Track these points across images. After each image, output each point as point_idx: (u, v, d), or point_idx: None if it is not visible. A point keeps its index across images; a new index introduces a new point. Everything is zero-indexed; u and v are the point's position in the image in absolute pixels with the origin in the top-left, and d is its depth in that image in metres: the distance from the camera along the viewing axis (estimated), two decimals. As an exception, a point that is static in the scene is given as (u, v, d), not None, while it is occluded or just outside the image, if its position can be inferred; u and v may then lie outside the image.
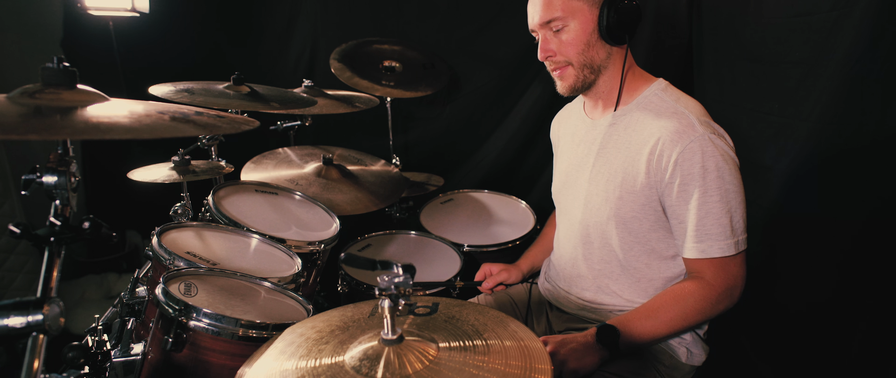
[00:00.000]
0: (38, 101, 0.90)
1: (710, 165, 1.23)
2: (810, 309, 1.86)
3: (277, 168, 2.23)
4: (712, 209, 1.25)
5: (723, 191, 1.24)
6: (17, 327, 0.77)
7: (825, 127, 1.72)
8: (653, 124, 1.31)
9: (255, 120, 1.09)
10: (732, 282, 1.29)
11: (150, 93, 1.62)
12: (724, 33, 2.24)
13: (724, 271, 1.28)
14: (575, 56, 1.35)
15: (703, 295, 1.28)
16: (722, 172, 1.24)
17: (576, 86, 1.39)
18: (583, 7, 1.31)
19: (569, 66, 1.37)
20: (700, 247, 1.27)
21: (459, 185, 2.89)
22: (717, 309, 1.30)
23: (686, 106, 1.31)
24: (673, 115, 1.29)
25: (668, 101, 1.33)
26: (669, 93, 1.36)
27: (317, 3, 2.91)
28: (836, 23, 1.64)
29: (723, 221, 1.25)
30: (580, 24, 1.32)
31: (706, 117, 1.30)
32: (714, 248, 1.26)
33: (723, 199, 1.24)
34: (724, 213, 1.25)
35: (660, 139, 1.27)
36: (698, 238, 1.27)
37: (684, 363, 1.40)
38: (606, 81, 1.40)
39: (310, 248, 1.75)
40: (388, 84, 2.57)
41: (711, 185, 1.24)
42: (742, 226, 1.28)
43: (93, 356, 1.52)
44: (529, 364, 0.86)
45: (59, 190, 0.90)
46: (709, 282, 1.29)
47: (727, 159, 1.25)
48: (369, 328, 0.98)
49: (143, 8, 2.57)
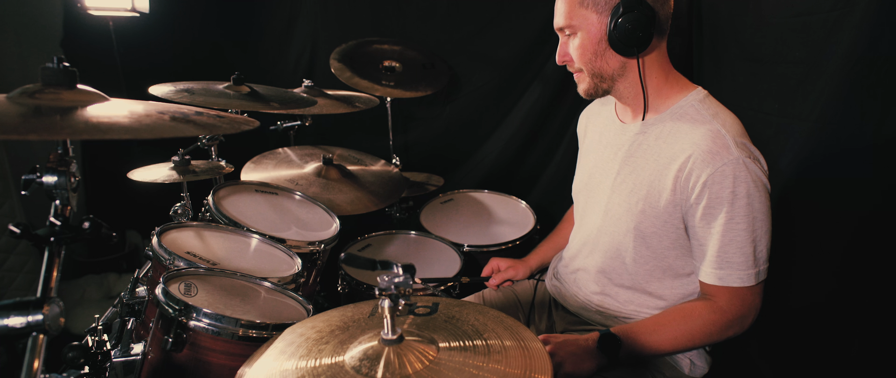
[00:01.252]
0: (38, 101, 0.90)
1: (740, 191, 1.18)
2: (810, 308, 1.86)
3: (277, 168, 2.23)
4: (737, 237, 1.20)
5: (750, 218, 1.19)
6: (17, 327, 0.77)
7: (825, 127, 1.71)
8: (685, 139, 1.25)
9: (255, 120, 1.09)
10: (746, 311, 1.26)
11: (150, 93, 1.62)
12: (724, 33, 2.24)
13: (739, 300, 1.25)
14: (585, 65, 1.32)
15: (713, 320, 1.25)
16: (752, 199, 1.18)
17: (590, 91, 1.36)
18: (591, 17, 1.26)
19: (582, 72, 1.34)
20: (718, 273, 1.24)
21: (459, 185, 2.89)
22: (724, 334, 1.27)
23: (723, 122, 1.24)
24: (708, 131, 1.22)
25: (705, 115, 1.26)
26: (707, 105, 1.29)
27: (317, 3, 2.91)
28: (836, 23, 1.64)
29: (746, 250, 1.21)
30: (588, 34, 1.28)
31: (743, 138, 1.23)
32: (733, 277, 1.23)
33: (749, 228, 1.20)
34: (748, 242, 1.20)
35: (691, 156, 1.22)
36: (718, 265, 1.23)
37: (688, 375, 1.38)
38: (628, 88, 1.34)
39: (310, 248, 1.75)
40: (388, 84, 2.57)
41: (739, 211, 1.19)
42: (765, 255, 1.24)
43: (93, 356, 1.52)
44: (529, 364, 0.86)
45: (59, 190, 0.90)
46: (722, 307, 1.26)
47: (759, 185, 1.19)
48: (369, 328, 0.98)
49: (143, 8, 2.57)
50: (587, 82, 1.34)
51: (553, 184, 2.99)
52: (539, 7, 2.70)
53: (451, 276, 1.88)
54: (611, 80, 1.32)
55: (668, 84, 1.34)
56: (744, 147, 1.20)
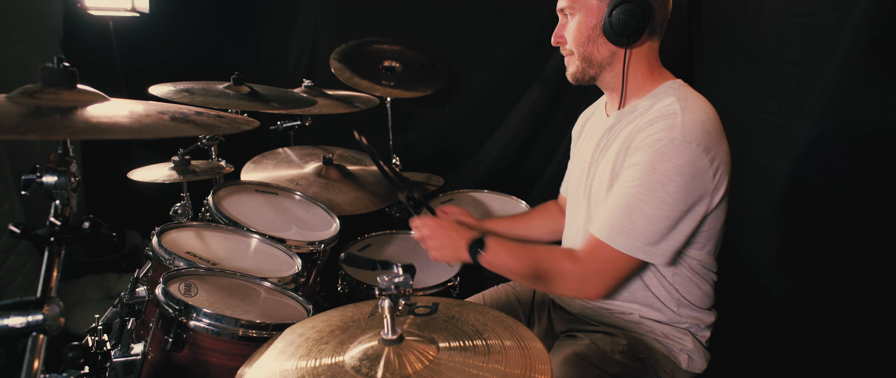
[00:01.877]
0: (38, 101, 0.90)
1: (659, 167, 1.17)
2: (810, 308, 1.86)
3: (277, 168, 2.23)
4: (631, 201, 1.20)
5: (655, 195, 1.18)
6: (17, 327, 0.77)
7: (825, 127, 1.72)
8: (644, 117, 1.26)
9: (255, 120, 1.09)
10: (596, 274, 1.26)
11: (150, 93, 1.62)
12: (724, 33, 2.24)
13: (595, 257, 1.26)
14: (576, 47, 1.33)
15: (565, 267, 1.28)
16: (666, 182, 1.17)
17: (577, 75, 1.37)
18: (591, 2, 1.28)
19: (573, 54, 1.36)
20: (597, 223, 1.26)
21: (459, 185, 2.89)
22: (562, 285, 1.30)
23: (686, 106, 1.23)
24: (664, 108, 1.23)
25: (670, 100, 1.26)
26: (678, 91, 1.28)
27: (317, 3, 2.91)
28: (836, 23, 1.64)
29: (633, 218, 1.20)
30: (585, 18, 1.30)
31: (705, 127, 1.19)
32: (605, 231, 1.24)
33: (647, 201, 1.18)
34: (636, 210, 1.19)
35: (639, 129, 1.24)
36: (603, 218, 1.25)
37: (685, 370, 1.38)
38: (614, 79, 1.36)
39: (310, 248, 1.75)
40: (388, 84, 2.57)
41: (647, 183, 1.18)
42: (652, 238, 1.20)
43: (93, 356, 1.52)
44: (529, 364, 0.86)
45: (59, 190, 0.90)
46: (579, 256, 1.28)
47: (683, 174, 1.16)
48: (369, 328, 0.98)
49: (143, 8, 2.57)
50: (576, 65, 1.36)
51: (553, 184, 2.97)
52: (539, 7, 2.70)
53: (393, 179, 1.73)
54: (599, 67, 1.34)
55: (653, 78, 1.35)
56: (694, 133, 1.17)
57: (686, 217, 1.21)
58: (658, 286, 1.36)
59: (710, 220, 1.27)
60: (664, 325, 1.38)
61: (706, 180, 1.19)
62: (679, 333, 1.38)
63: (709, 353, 1.42)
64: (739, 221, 2.04)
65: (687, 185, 1.17)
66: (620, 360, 1.33)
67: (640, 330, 1.39)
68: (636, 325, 1.39)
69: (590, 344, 1.38)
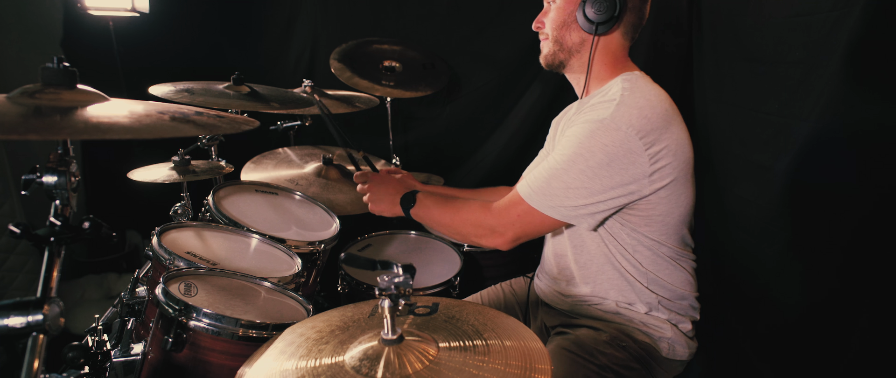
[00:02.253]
0: (38, 101, 0.90)
1: (585, 143, 1.26)
2: (810, 308, 1.86)
3: (277, 168, 2.23)
4: (553, 164, 1.30)
5: (577, 169, 1.27)
6: (17, 327, 0.77)
7: (825, 127, 1.71)
8: (586, 107, 1.36)
9: (255, 120, 1.09)
10: (507, 226, 1.36)
11: (150, 93, 1.62)
12: (723, 33, 2.24)
13: (510, 210, 1.36)
14: (552, 30, 1.43)
15: (478, 216, 1.40)
16: (592, 156, 1.25)
17: (548, 58, 1.47)
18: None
19: (548, 38, 1.45)
20: (522, 181, 1.38)
21: (459, 185, 2.88)
22: (475, 234, 1.41)
23: (627, 96, 1.29)
24: (605, 100, 1.32)
25: (616, 89, 1.33)
26: (627, 82, 1.35)
27: (317, 3, 2.91)
28: (836, 23, 1.64)
29: (552, 181, 1.30)
30: (564, 4, 1.41)
31: (639, 111, 1.26)
32: (523, 185, 1.35)
33: (568, 169, 1.28)
34: (556, 177, 1.29)
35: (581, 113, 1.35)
36: (528, 178, 1.36)
37: (665, 357, 1.42)
38: (581, 66, 1.44)
39: (310, 248, 1.75)
40: (388, 84, 2.56)
41: (570, 152, 1.28)
42: (566, 202, 1.29)
43: (93, 356, 1.52)
44: (529, 364, 0.86)
45: (59, 190, 0.90)
46: (494, 208, 1.39)
47: (607, 152, 1.24)
48: (369, 328, 0.98)
49: (143, 8, 2.57)
50: (548, 47, 1.46)
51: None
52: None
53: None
54: (568, 52, 1.43)
55: (615, 70, 1.43)
56: (626, 117, 1.25)
57: (611, 191, 1.28)
58: (625, 270, 1.41)
59: (658, 203, 1.32)
60: (643, 315, 1.42)
61: (639, 163, 1.25)
62: (658, 322, 1.42)
63: (694, 342, 1.46)
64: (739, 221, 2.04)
65: (611, 163, 1.25)
66: (605, 351, 1.37)
67: (620, 320, 1.44)
68: (616, 315, 1.44)
69: (576, 338, 1.42)
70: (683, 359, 1.44)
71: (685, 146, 1.33)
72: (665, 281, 1.41)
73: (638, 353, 1.40)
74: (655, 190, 1.29)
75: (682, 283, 1.43)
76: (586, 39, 1.40)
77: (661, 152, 1.26)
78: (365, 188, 1.60)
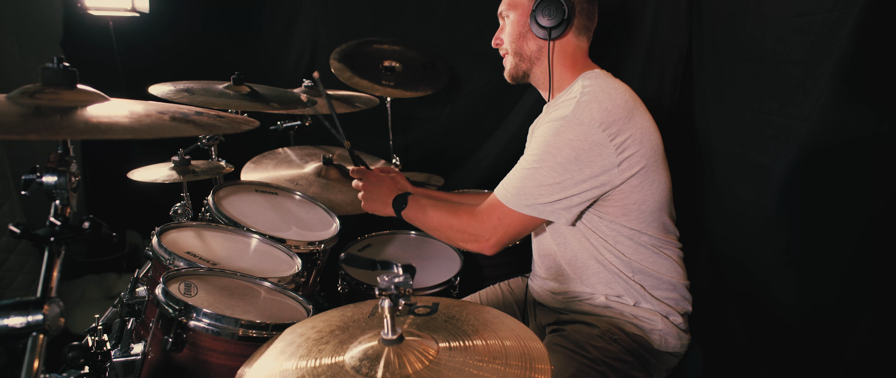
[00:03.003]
0: (38, 101, 0.90)
1: (552, 141, 1.31)
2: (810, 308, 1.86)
3: (277, 168, 2.23)
4: (525, 165, 1.36)
5: (547, 166, 1.31)
6: (17, 327, 0.77)
7: (825, 127, 1.71)
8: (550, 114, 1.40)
9: (255, 120, 1.09)
10: (489, 231, 1.40)
11: (150, 93, 1.62)
12: (723, 33, 2.23)
13: (490, 214, 1.41)
14: (509, 44, 1.48)
15: (464, 222, 1.44)
16: (559, 152, 1.30)
17: (512, 72, 1.52)
18: (523, 1, 1.44)
19: (508, 53, 1.50)
20: (499, 185, 1.42)
21: (459, 185, 2.89)
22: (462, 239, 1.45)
23: (586, 94, 1.34)
24: (567, 100, 1.36)
25: (576, 89, 1.38)
26: (592, 79, 1.40)
27: (317, 3, 2.90)
28: (837, 23, 1.64)
29: (525, 182, 1.35)
30: (517, 17, 1.46)
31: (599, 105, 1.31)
32: (500, 189, 1.40)
33: (539, 167, 1.32)
34: (529, 177, 1.34)
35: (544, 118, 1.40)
36: (504, 181, 1.41)
37: (657, 349, 1.44)
38: (543, 73, 1.48)
39: (310, 248, 1.75)
40: (388, 84, 2.56)
41: (538, 151, 1.33)
42: (541, 199, 1.34)
43: (93, 356, 1.52)
44: (529, 364, 0.86)
45: (59, 190, 0.90)
46: (477, 213, 1.43)
47: (575, 148, 1.29)
48: (369, 328, 0.98)
49: (143, 8, 2.57)
50: (510, 62, 1.51)
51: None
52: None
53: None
54: (529, 61, 1.48)
55: (576, 71, 1.46)
56: (586, 113, 1.30)
57: (582, 184, 1.31)
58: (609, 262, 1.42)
59: (632, 192, 1.35)
60: (632, 307, 1.44)
61: (605, 154, 1.29)
62: (648, 314, 1.43)
63: (687, 335, 1.47)
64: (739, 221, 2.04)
65: (579, 157, 1.30)
66: (597, 345, 1.38)
67: (610, 314, 1.45)
68: (606, 309, 1.45)
69: (569, 334, 1.44)
70: (676, 351, 1.46)
71: (651, 133, 1.37)
72: (650, 269, 1.42)
73: (630, 346, 1.41)
74: (626, 179, 1.33)
75: (668, 271, 1.45)
76: (543, 46, 1.45)
77: (626, 142, 1.30)
78: (359, 185, 1.64)
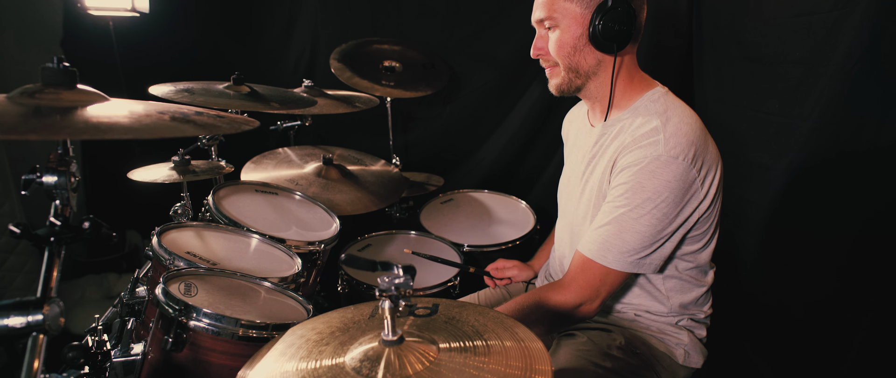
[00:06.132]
0: (38, 101, 0.90)
1: (648, 185, 1.19)
2: (810, 308, 1.86)
3: (277, 168, 2.23)
4: (621, 219, 1.23)
5: (647, 215, 1.20)
6: (17, 327, 0.77)
7: (825, 127, 1.72)
8: (627, 133, 1.27)
9: (255, 120, 1.09)
10: (593, 294, 1.28)
11: (150, 93, 1.61)
12: (724, 33, 2.24)
13: (585, 275, 1.28)
14: (562, 58, 1.31)
15: (556, 300, 1.29)
16: (659, 196, 1.19)
17: (562, 87, 1.36)
18: (575, 11, 1.26)
19: (557, 66, 1.34)
20: (586, 240, 1.29)
21: (459, 185, 2.89)
22: (571, 321, 1.33)
23: (668, 119, 1.23)
24: (645, 123, 1.24)
25: (655, 110, 1.26)
26: (661, 101, 1.28)
27: (317, 3, 2.91)
28: (837, 23, 1.64)
29: (624, 235, 1.22)
30: (570, 28, 1.28)
31: (688, 137, 1.19)
32: (590, 245, 1.27)
33: (639, 218, 1.21)
34: (629, 228, 1.22)
35: (624, 147, 1.25)
36: (592, 236, 1.27)
37: (681, 365, 1.39)
38: (599, 88, 1.35)
39: (310, 248, 1.75)
40: (388, 84, 2.56)
41: (636, 200, 1.21)
42: (642, 252, 1.24)
43: (93, 356, 1.51)
44: (530, 365, 0.86)
45: (59, 190, 0.90)
46: (566, 282, 1.30)
47: (672, 188, 1.18)
48: (369, 329, 0.98)
49: (143, 8, 2.57)
50: (561, 77, 1.34)
51: (552, 184, 2.96)
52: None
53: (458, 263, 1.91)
54: (585, 76, 1.33)
55: (633, 86, 1.34)
56: (679, 147, 1.18)
57: (677, 227, 1.23)
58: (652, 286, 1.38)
59: (703, 220, 1.28)
60: (660, 323, 1.39)
61: (695, 188, 1.21)
62: (675, 330, 1.39)
63: (706, 350, 1.43)
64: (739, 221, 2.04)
65: (676, 199, 1.19)
66: (617, 356, 1.34)
67: (636, 326, 1.40)
68: (632, 322, 1.41)
69: (586, 341, 1.39)
70: (698, 367, 1.40)
71: (716, 154, 1.27)
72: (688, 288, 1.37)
73: (651, 361, 1.37)
74: (706, 209, 1.25)
75: (702, 293, 1.40)
76: (604, 60, 1.30)
77: (708, 170, 1.22)
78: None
